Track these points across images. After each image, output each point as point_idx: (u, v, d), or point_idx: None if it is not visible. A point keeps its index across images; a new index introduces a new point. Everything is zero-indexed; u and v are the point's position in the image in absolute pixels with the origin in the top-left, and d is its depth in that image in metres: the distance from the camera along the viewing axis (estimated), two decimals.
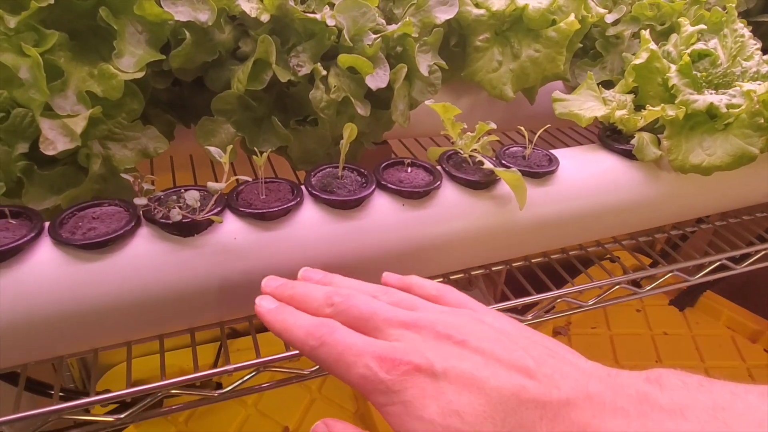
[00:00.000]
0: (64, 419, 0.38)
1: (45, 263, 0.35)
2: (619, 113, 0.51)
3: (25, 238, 0.34)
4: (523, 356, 0.27)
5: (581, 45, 0.62)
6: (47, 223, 0.36)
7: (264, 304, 0.33)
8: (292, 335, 0.30)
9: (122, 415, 0.38)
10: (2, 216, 0.36)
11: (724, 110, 0.48)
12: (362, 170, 0.44)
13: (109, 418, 0.38)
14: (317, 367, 0.44)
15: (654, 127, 0.53)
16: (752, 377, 1.01)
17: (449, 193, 0.44)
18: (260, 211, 0.39)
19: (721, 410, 0.22)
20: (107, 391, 0.38)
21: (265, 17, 0.43)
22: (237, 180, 0.38)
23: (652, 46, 0.53)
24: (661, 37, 0.62)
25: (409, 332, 0.29)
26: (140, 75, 0.40)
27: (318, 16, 0.44)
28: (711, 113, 0.50)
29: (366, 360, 0.27)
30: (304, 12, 0.45)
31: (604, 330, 1.10)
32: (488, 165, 0.44)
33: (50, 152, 0.37)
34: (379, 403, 0.27)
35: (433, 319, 0.30)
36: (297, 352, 0.42)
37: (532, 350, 0.28)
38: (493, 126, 0.44)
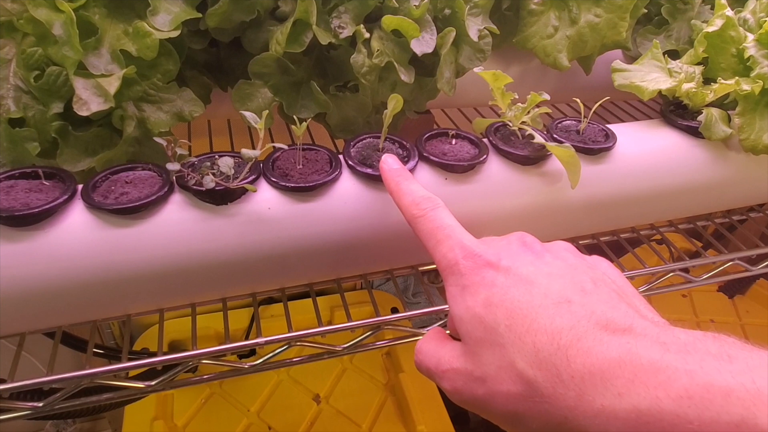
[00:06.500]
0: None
1: (77, 227, 0.34)
2: (686, 86, 0.46)
3: (58, 201, 0.33)
4: (586, 281, 0.27)
5: (645, 11, 0.57)
6: (80, 186, 0.36)
7: (389, 162, 0.36)
8: (402, 199, 0.33)
9: (153, 383, 0.37)
10: (36, 177, 0.36)
11: None
12: (404, 142, 0.41)
13: (140, 384, 0.37)
14: (350, 343, 0.42)
15: (722, 103, 0.49)
16: None
17: (495, 168, 0.41)
18: (297, 185, 0.37)
19: None
20: (145, 350, 0.37)
21: None
22: (273, 147, 0.36)
23: (728, 12, 0.48)
24: (735, 3, 0.57)
25: (500, 240, 0.31)
26: (176, 34, 0.38)
27: None
28: None
29: (453, 243, 0.30)
30: None
31: None
32: (539, 139, 0.41)
33: (84, 113, 0.36)
34: (447, 282, 0.30)
35: (525, 235, 0.32)
36: (329, 327, 0.41)
37: (603, 288, 0.27)
38: (547, 97, 0.41)
